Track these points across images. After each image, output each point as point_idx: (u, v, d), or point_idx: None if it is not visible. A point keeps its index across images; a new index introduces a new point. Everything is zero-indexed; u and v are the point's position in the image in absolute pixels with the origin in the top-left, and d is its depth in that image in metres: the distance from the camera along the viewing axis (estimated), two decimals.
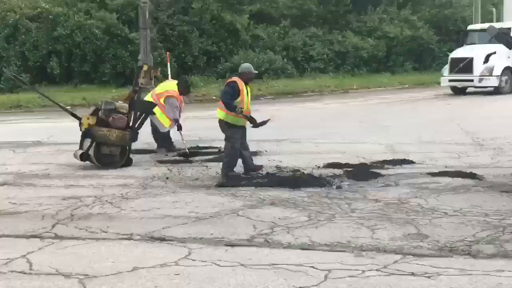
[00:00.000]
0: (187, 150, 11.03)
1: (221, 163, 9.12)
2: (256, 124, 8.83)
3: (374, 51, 33.19)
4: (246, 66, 8.98)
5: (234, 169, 8.75)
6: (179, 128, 11.18)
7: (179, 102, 11.24)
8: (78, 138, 10.16)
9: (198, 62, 28.83)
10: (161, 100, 11.07)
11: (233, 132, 8.70)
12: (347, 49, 32.49)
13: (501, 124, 13.67)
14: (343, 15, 34.86)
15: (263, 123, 8.93)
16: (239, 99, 8.51)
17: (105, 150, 9.59)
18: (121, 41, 27.01)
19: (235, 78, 8.73)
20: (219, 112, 8.77)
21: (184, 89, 11.52)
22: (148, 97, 11.24)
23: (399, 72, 33.90)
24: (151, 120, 11.17)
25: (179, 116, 11.22)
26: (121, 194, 7.72)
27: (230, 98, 8.51)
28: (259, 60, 29.05)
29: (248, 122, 8.79)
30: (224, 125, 8.75)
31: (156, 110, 10.88)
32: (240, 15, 30.07)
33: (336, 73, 31.69)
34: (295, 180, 8.11)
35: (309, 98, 24.26)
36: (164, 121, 11.09)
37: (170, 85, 11.45)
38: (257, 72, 9.19)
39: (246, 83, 8.71)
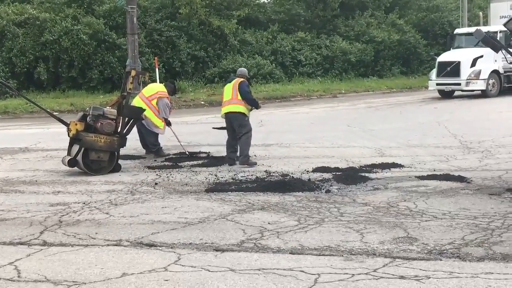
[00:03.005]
0: (186, 152, 11.19)
1: (210, 168, 9.86)
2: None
3: (361, 55, 33.32)
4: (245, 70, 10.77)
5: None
6: (169, 124, 11.31)
7: (170, 103, 11.43)
8: (66, 144, 10.13)
9: (186, 67, 28.80)
10: (153, 102, 11.14)
11: (248, 121, 10.15)
12: (335, 54, 32.60)
13: (488, 127, 13.78)
14: (331, 20, 34.97)
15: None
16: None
17: (93, 156, 9.54)
18: (108, 47, 26.92)
19: (244, 79, 10.26)
20: (237, 107, 10.05)
21: (171, 90, 11.67)
22: (137, 101, 11.25)
23: (387, 76, 34.07)
24: (138, 128, 11.16)
25: (169, 116, 11.45)
26: (110, 200, 7.69)
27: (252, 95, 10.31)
28: (247, 65, 29.06)
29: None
30: (243, 117, 10.09)
31: (148, 113, 10.95)
32: (228, 20, 30.07)
33: (324, 78, 31.77)
34: (284, 184, 8.12)
35: (298, 103, 24.33)
36: (158, 123, 11.19)
37: (159, 87, 11.58)
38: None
39: None
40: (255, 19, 33.55)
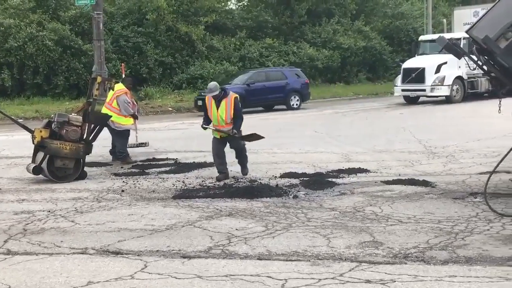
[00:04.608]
0: (137, 142, 11.26)
1: (177, 174, 9.83)
2: (237, 137, 9.51)
3: (328, 62, 33.61)
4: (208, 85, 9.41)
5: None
6: (136, 118, 11.42)
7: (130, 97, 11.35)
8: (30, 152, 9.98)
9: (154, 74, 28.67)
10: (114, 104, 11.14)
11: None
12: (302, 60, 32.81)
13: (452, 132, 14.01)
14: (298, 27, 35.21)
15: (247, 137, 9.72)
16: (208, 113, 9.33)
17: (59, 163, 9.43)
18: (74, 53, 26.67)
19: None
20: None
21: (130, 84, 11.69)
22: (104, 110, 11.23)
23: (353, 82, 34.43)
24: (112, 136, 11.21)
25: (134, 110, 11.40)
26: (75, 207, 7.61)
27: (203, 115, 9.52)
28: (215, 71, 29.09)
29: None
30: None
31: (111, 115, 10.97)
32: (195, 26, 30.04)
33: None
34: (252, 190, 8.13)
35: None
36: (123, 121, 11.21)
37: (117, 87, 11.52)
38: (215, 92, 9.14)
39: (214, 99, 9.22)
40: (223, 26, 33.58)
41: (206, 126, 9.40)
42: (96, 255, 5.59)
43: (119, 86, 11.44)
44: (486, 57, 7.24)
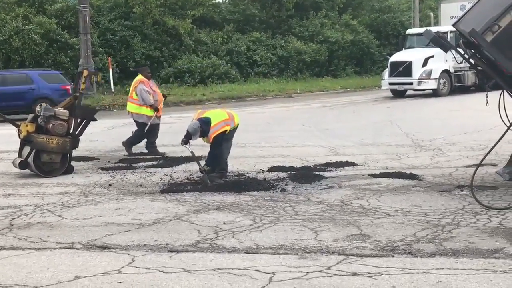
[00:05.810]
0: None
1: (165, 169, 9.82)
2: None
3: (316, 56, 33.63)
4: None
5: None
6: (156, 110, 11.31)
7: (149, 87, 11.34)
8: (16, 146, 9.92)
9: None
10: (133, 96, 11.28)
11: None
12: (290, 54, 32.83)
13: (439, 125, 14.08)
14: (286, 20, 35.19)
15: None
16: None
17: (45, 157, 9.37)
18: (61, 47, 26.51)
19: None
20: None
21: (148, 73, 11.69)
22: (128, 104, 11.48)
23: (341, 76, 34.49)
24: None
25: (155, 99, 11.30)
26: (62, 202, 7.56)
27: None
28: (202, 65, 29.04)
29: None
30: None
31: (132, 108, 11.21)
32: (182, 20, 29.94)
33: (280, 78, 31.97)
34: (240, 184, 8.13)
35: (253, 103, 24.40)
36: (144, 112, 11.24)
37: (135, 80, 11.52)
38: (196, 136, 8.39)
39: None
40: (210, 19, 33.51)
41: (185, 146, 8.48)
42: (83, 249, 5.56)
43: (137, 78, 11.49)
44: (472, 51, 7.27)
